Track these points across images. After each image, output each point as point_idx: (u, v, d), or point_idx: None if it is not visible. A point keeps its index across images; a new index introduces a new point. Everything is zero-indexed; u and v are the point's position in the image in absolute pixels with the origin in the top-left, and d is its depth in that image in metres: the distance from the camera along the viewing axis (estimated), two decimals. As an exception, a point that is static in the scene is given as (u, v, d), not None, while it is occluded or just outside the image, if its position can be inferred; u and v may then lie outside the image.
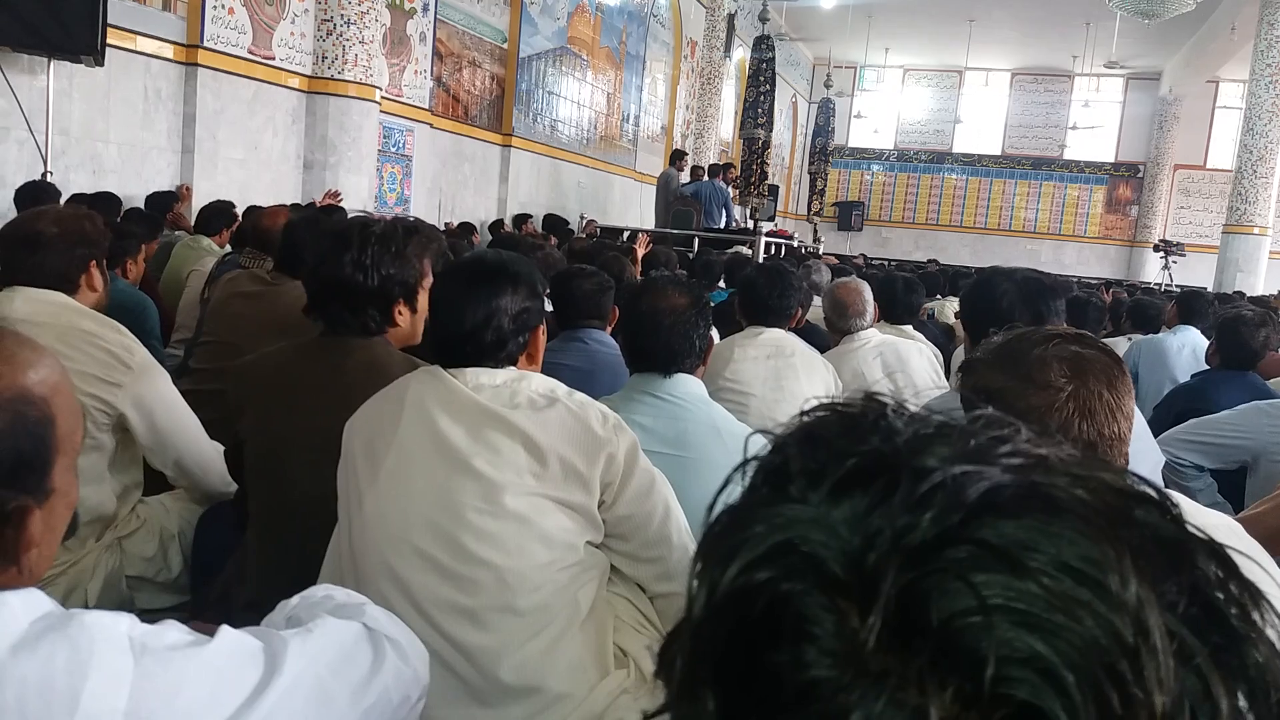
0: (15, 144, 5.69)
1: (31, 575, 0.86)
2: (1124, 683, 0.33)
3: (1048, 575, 0.34)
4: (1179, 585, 0.36)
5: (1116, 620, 0.33)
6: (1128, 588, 0.34)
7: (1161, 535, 0.37)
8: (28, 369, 0.87)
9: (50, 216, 2.26)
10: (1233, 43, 15.93)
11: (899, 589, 0.34)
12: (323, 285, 1.97)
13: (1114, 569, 0.34)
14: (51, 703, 0.77)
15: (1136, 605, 0.34)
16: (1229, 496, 2.86)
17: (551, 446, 1.56)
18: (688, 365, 2.14)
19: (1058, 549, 0.34)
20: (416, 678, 1.06)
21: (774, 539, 0.37)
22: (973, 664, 0.33)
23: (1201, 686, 0.34)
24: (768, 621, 0.36)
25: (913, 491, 0.36)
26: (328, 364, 1.96)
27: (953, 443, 0.39)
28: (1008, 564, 0.34)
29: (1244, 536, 1.22)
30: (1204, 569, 0.37)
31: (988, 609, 0.33)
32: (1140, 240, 21.79)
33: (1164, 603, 0.35)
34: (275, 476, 1.95)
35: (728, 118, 17.45)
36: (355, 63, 7.76)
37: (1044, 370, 1.22)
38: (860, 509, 0.37)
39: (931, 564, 0.34)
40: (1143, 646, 0.33)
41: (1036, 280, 2.30)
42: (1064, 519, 0.35)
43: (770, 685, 0.35)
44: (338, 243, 1.97)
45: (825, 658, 0.34)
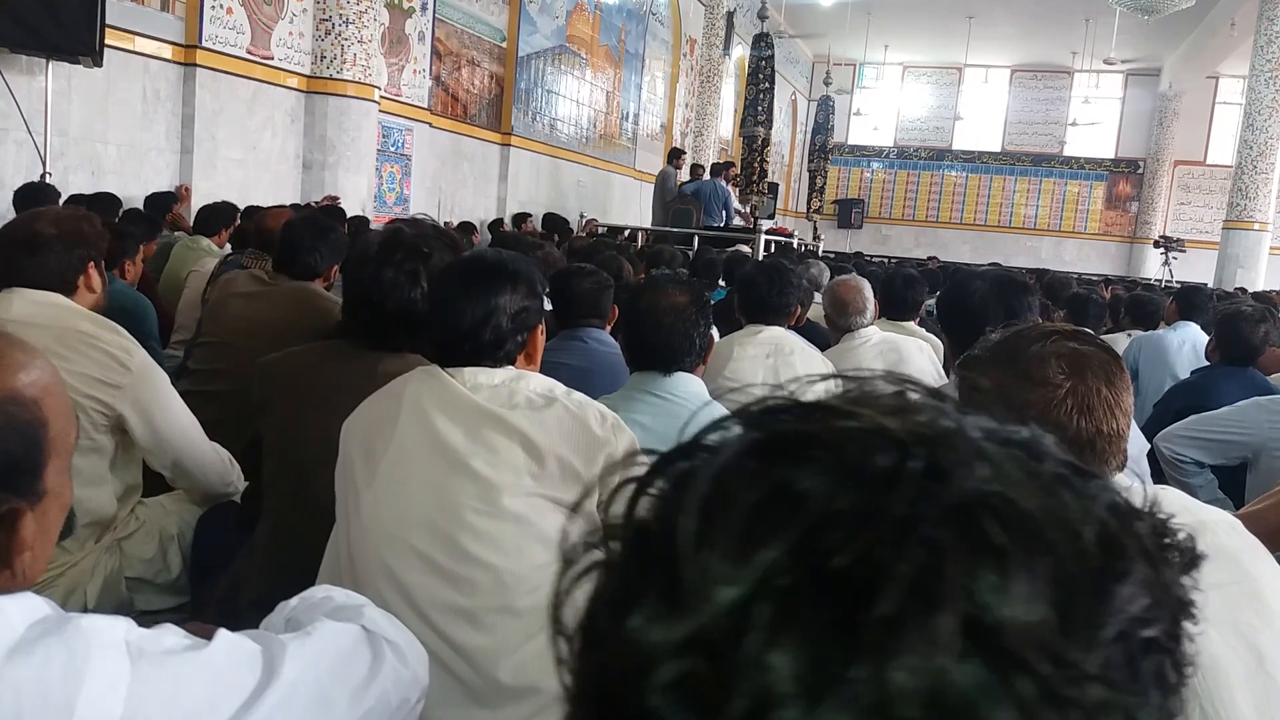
0: (14, 145, 5.69)
1: (25, 578, 0.86)
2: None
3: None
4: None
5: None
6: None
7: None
8: (18, 370, 0.87)
9: (49, 218, 2.25)
10: (1232, 38, 15.92)
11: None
12: (389, 315, 1.95)
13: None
14: (48, 708, 0.77)
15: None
16: (1229, 493, 2.86)
17: (550, 446, 1.55)
18: (688, 364, 2.14)
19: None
20: (415, 679, 1.06)
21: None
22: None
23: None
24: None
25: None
26: (359, 368, 1.95)
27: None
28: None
29: (1244, 533, 1.22)
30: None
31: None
32: (1140, 237, 21.78)
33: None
34: (296, 475, 1.95)
35: (727, 116, 17.44)
36: (354, 62, 7.75)
37: (1042, 367, 1.22)
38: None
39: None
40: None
41: (1008, 278, 2.36)
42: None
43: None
44: (406, 273, 1.94)
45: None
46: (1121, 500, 0.37)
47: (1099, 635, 0.33)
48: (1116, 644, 0.33)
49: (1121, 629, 0.33)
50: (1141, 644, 0.34)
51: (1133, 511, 0.37)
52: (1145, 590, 0.35)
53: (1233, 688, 1.05)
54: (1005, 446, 0.36)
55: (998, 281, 2.30)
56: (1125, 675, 0.33)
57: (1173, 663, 0.36)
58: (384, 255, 1.97)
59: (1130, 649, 0.34)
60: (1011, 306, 2.21)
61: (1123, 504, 0.37)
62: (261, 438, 2.09)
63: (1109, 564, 0.34)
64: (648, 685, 0.32)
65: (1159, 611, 0.35)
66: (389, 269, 1.94)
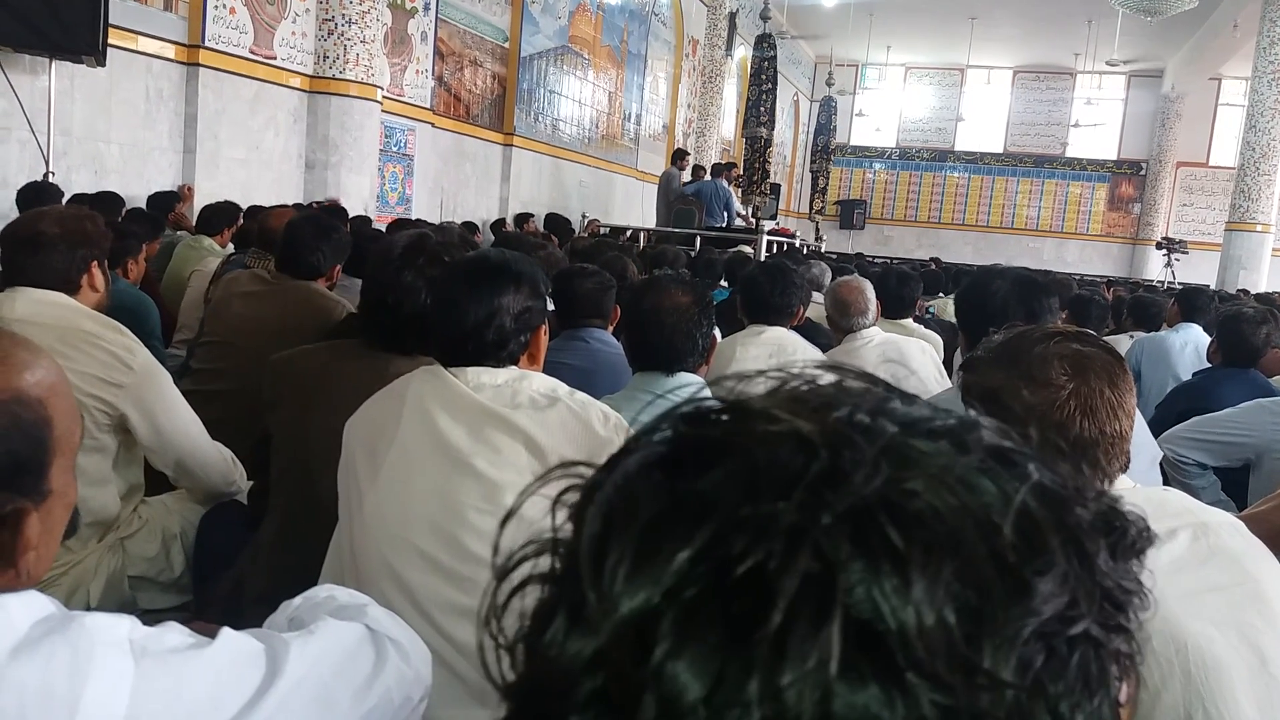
0: (17, 144, 5.69)
1: (30, 577, 0.86)
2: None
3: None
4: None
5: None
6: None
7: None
8: (23, 370, 0.87)
9: (52, 217, 2.26)
10: (1235, 40, 15.91)
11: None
12: (405, 318, 1.95)
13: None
14: (51, 706, 0.77)
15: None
16: (1232, 495, 2.86)
17: (553, 446, 1.55)
18: (690, 364, 2.14)
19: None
20: (419, 679, 1.06)
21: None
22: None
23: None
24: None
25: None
26: (371, 369, 1.95)
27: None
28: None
29: (1247, 535, 1.22)
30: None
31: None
32: (1143, 238, 21.76)
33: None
34: (303, 473, 1.96)
35: (729, 116, 17.44)
36: (357, 62, 7.76)
37: (1045, 368, 1.22)
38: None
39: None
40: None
41: (1030, 278, 2.32)
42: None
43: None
44: (426, 279, 1.94)
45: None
46: (1054, 485, 0.35)
47: (1015, 637, 0.31)
48: (1035, 643, 0.32)
49: (1040, 628, 0.32)
50: (1066, 641, 0.33)
51: (1068, 496, 0.35)
52: (1068, 585, 0.33)
53: (1235, 689, 1.05)
54: (928, 439, 0.35)
55: (1019, 282, 2.25)
56: (1047, 674, 0.32)
57: (1110, 655, 0.34)
58: (406, 259, 1.97)
59: (1052, 646, 0.32)
60: (1032, 308, 2.18)
61: (1055, 489, 0.35)
62: (270, 435, 2.09)
63: (1028, 559, 0.32)
64: (567, 705, 0.32)
65: (1086, 606, 0.33)
66: (409, 272, 1.95)
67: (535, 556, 0.37)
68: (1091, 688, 0.33)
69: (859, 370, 0.39)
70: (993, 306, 2.19)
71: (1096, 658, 0.34)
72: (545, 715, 0.33)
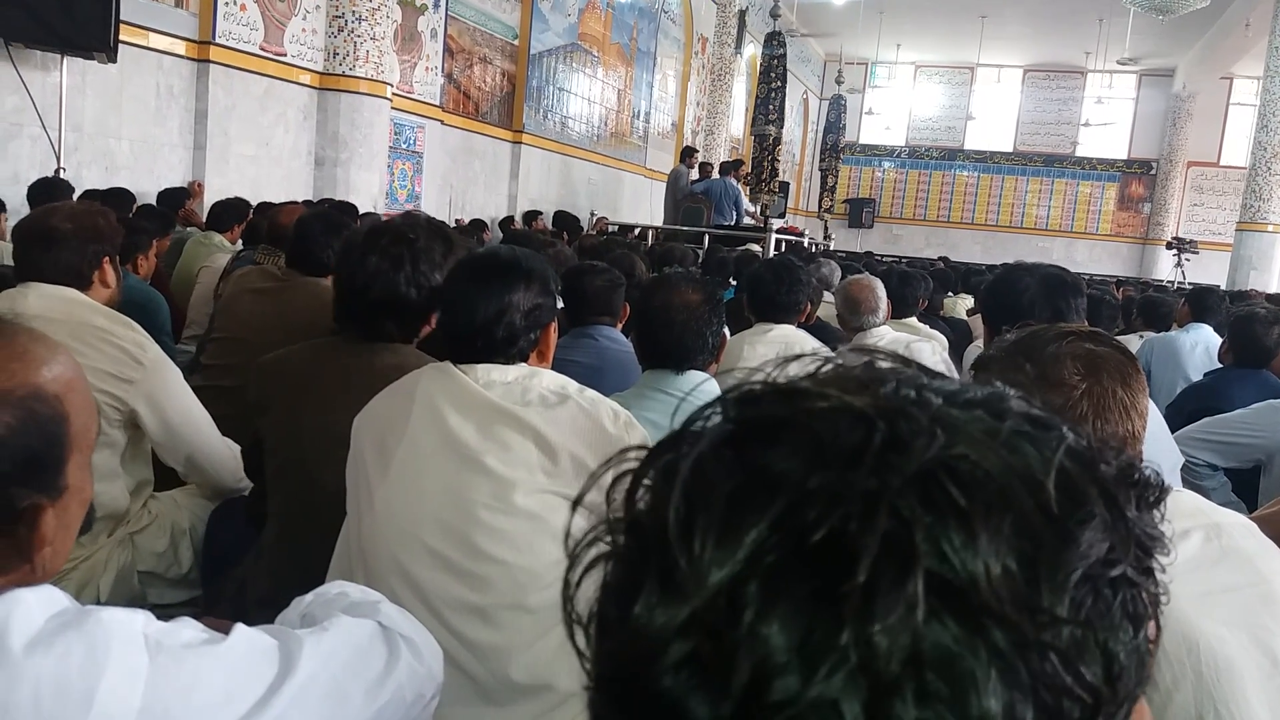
0: (29, 140, 5.72)
1: (45, 573, 0.86)
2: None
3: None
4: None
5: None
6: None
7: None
8: (40, 366, 0.87)
9: (64, 213, 2.26)
10: (1247, 39, 15.84)
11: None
12: (374, 302, 1.96)
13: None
14: (67, 700, 0.77)
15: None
16: (1243, 495, 2.85)
17: (563, 444, 1.55)
18: (700, 362, 2.14)
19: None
20: (431, 675, 1.06)
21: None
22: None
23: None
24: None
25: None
26: (356, 363, 1.96)
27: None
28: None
29: (1260, 536, 1.21)
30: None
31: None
32: (1153, 238, 21.68)
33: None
34: (299, 474, 1.95)
35: (738, 114, 17.42)
36: (366, 59, 7.77)
37: (1058, 368, 1.21)
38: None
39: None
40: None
41: (1058, 277, 2.30)
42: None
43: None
44: (390, 258, 1.96)
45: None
46: (1082, 446, 0.39)
47: (1066, 580, 0.35)
48: (1084, 585, 0.36)
49: (1087, 571, 0.36)
50: (1109, 582, 0.36)
51: (1095, 455, 0.39)
52: (1107, 533, 0.37)
53: (1247, 691, 1.05)
54: (966, 409, 0.38)
55: (1047, 280, 2.24)
56: (1095, 613, 0.36)
57: (1143, 595, 0.38)
58: (369, 243, 1.98)
59: (1098, 588, 0.36)
60: (1058, 307, 2.17)
61: (1083, 450, 0.39)
62: (262, 439, 2.09)
63: (1071, 512, 0.36)
64: (658, 668, 0.35)
65: (1122, 551, 0.37)
66: (373, 256, 1.95)
67: (608, 535, 0.40)
68: (1135, 624, 0.37)
69: (884, 350, 0.43)
70: (1020, 303, 2.18)
71: (1134, 598, 0.38)
72: (636, 679, 0.36)
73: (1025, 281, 2.23)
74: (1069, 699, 0.34)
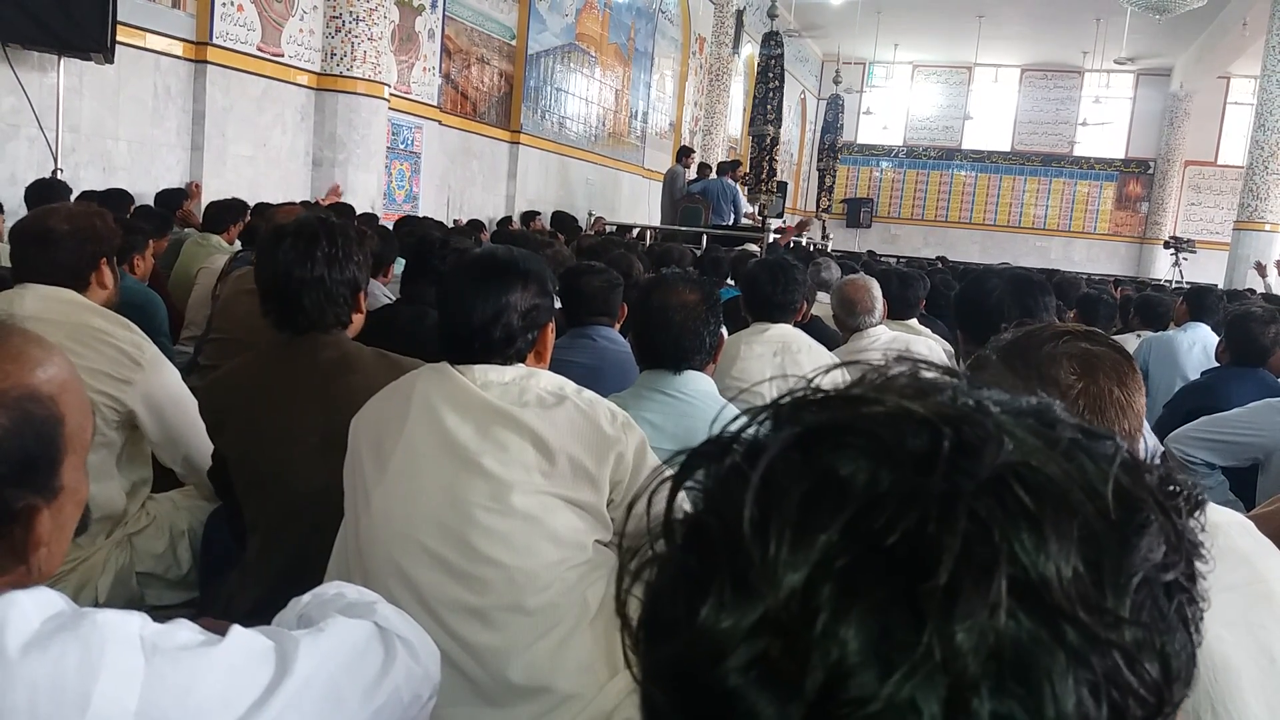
0: (26, 141, 5.71)
1: (41, 574, 0.86)
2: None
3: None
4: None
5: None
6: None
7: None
8: (35, 367, 0.87)
9: (61, 214, 2.26)
10: (1244, 38, 15.84)
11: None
12: (297, 282, 1.95)
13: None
14: (62, 703, 0.77)
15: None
16: (1241, 494, 2.85)
17: (560, 445, 1.55)
18: (698, 362, 2.14)
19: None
20: (427, 676, 1.06)
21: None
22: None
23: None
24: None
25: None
26: (300, 364, 1.96)
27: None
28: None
29: (1257, 535, 1.21)
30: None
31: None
32: (1150, 237, 21.68)
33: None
34: (268, 483, 1.95)
35: (736, 114, 17.41)
36: (364, 59, 7.76)
37: (1054, 367, 1.21)
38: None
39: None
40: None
41: (1025, 277, 2.36)
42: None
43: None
44: (306, 239, 1.97)
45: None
46: (1129, 457, 0.40)
47: (1128, 583, 0.37)
48: (1143, 589, 0.37)
49: (1145, 575, 0.37)
50: (1164, 587, 0.38)
51: (1141, 466, 0.41)
52: (1162, 538, 0.38)
53: (1244, 690, 1.05)
54: (1019, 418, 0.40)
55: (1014, 280, 2.29)
56: (1153, 615, 0.37)
57: (1190, 598, 0.40)
58: (277, 236, 1.99)
59: (1154, 592, 0.38)
60: (1027, 306, 2.20)
61: (1131, 460, 0.40)
62: (224, 459, 2.08)
63: (1129, 518, 0.38)
64: (725, 668, 0.35)
65: (1176, 556, 0.39)
66: (286, 241, 1.97)
67: (653, 542, 0.41)
68: (1186, 626, 0.39)
69: (934, 363, 0.44)
70: (989, 305, 2.21)
71: (1187, 601, 0.39)
72: (700, 679, 0.36)
73: (993, 283, 2.28)
74: (1134, 698, 0.35)
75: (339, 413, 1.75)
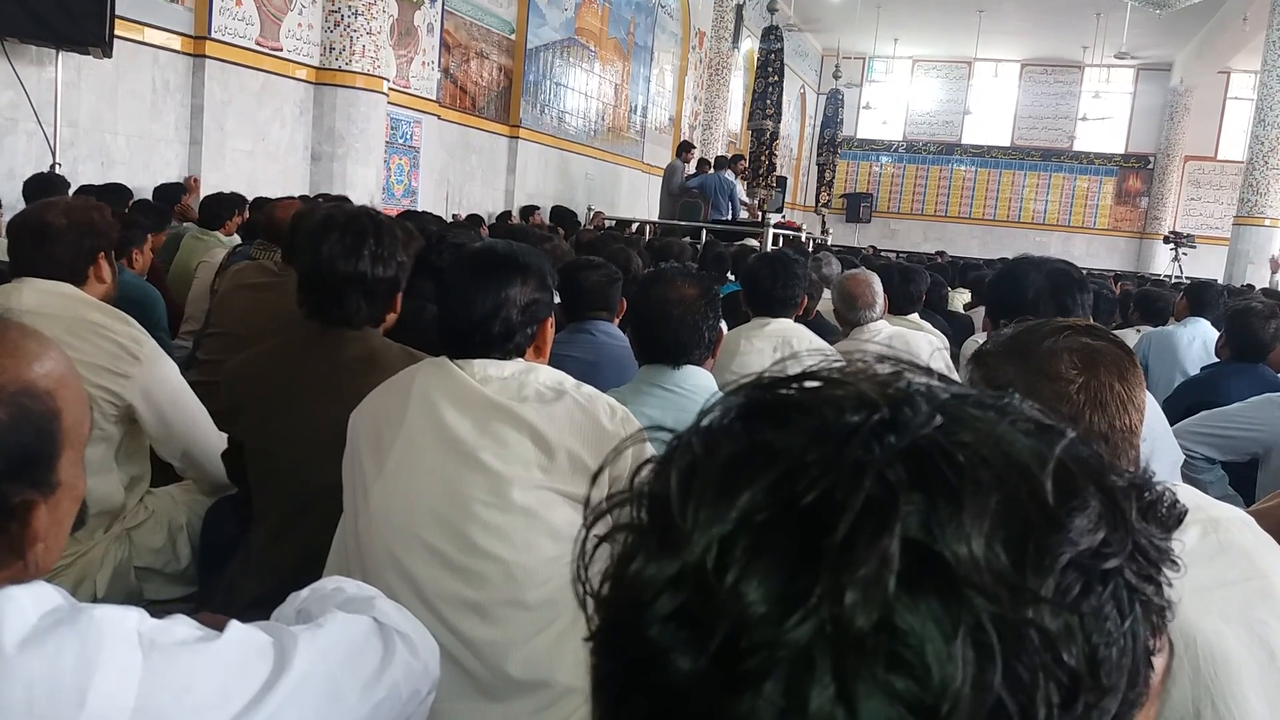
0: (24, 135, 5.70)
1: (39, 569, 0.86)
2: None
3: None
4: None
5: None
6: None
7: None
8: (32, 361, 0.86)
9: (59, 208, 2.26)
10: (1244, 33, 15.83)
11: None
12: (340, 278, 1.95)
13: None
14: (59, 699, 0.76)
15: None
16: (1240, 489, 2.85)
17: (559, 440, 1.55)
18: (696, 357, 2.13)
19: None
20: (426, 672, 1.06)
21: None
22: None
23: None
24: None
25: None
26: (325, 357, 1.96)
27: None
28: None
29: (1258, 530, 1.21)
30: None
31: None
32: (1150, 232, 21.69)
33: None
34: (281, 473, 1.95)
35: (736, 109, 17.39)
36: (363, 54, 7.75)
37: (1054, 362, 1.21)
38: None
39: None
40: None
41: (1065, 272, 2.27)
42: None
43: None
44: (354, 235, 1.96)
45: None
46: (1087, 453, 0.40)
47: (1053, 564, 0.35)
48: (1071, 571, 0.36)
49: (1075, 558, 0.36)
50: (1100, 575, 0.37)
51: (1102, 464, 0.40)
52: (1100, 524, 0.37)
53: (1244, 685, 1.05)
54: (977, 407, 0.40)
55: (1054, 276, 2.21)
56: (1080, 600, 0.36)
57: (1139, 597, 0.38)
58: (326, 226, 1.98)
59: (1087, 577, 0.36)
60: (1064, 303, 2.15)
61: (1088, 456, 0.39)
62: (240, 443, 2.08)
63: (1063, 501, 0.37)
64: (646, 618, 0.37)
65: (1118, 546, 0.37)
66: (334, 233, 1.96)
67: (620, 507, 0.41)
68: (1121, 613, 0.37)
69: (917, 362, 0.44)
70: (1025, 299, 2.16)
71: (1129, 597, 0.38)
72: (628, 625, 0.38)
73: (1032, 277, 2.20)
74: (1046, 676, 0.34)
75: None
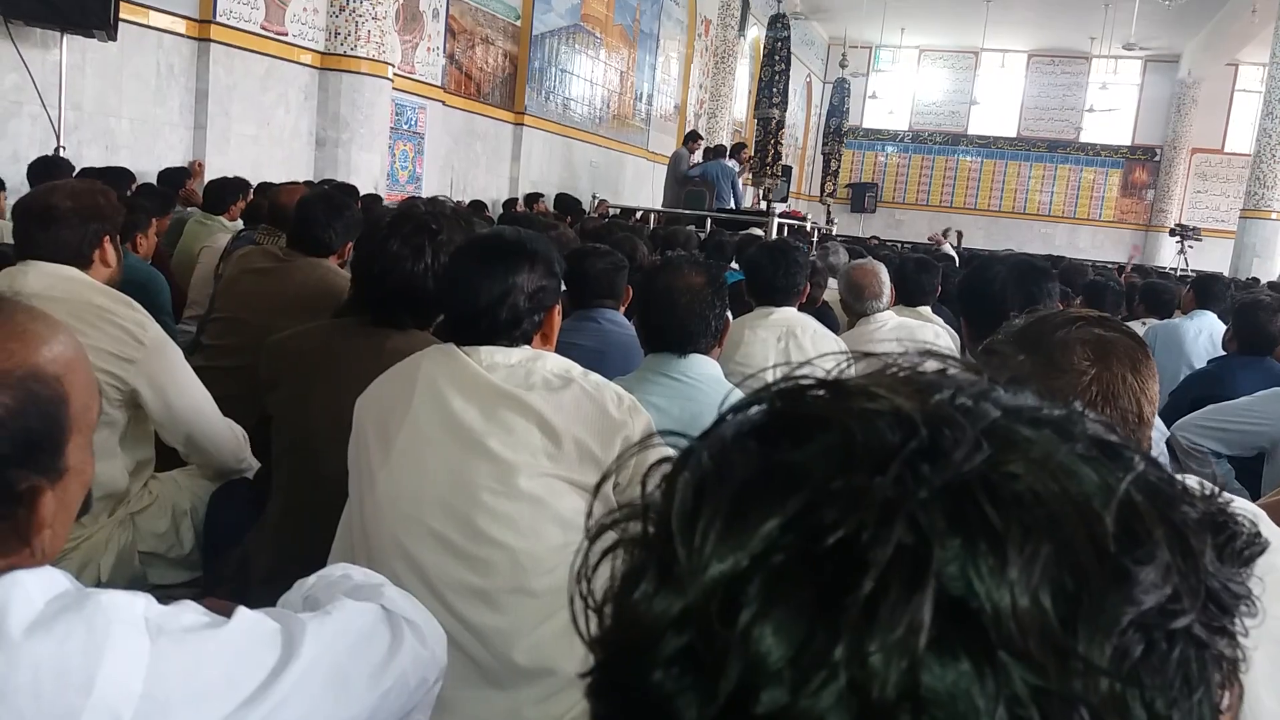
0: (28, 118, 5.69)
1: (45, 555, 0.85)
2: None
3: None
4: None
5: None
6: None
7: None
8: (40, 345, 0.85)
9: (64, 191, 2.25)
10: (1253, 25, 15.74)
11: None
12: (391, 290, 1.97)
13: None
14: (67, 684, 0.76)
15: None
16: (1246, 483, 2.84)
17: (566, 428, 1.54)
18: (703, 345, 2.13)
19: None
20: (434, 659, 1.06)
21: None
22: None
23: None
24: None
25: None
26: (367, 346, 1.96)
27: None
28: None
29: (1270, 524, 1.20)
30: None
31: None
32: (1156, 224, 21.63)
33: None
34: (306, 453, 1.96)
35: (741, 97, 17.35)
36: (368, 39, 7.73)
37: (1067, 353, 1.20)
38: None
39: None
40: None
41: (1028, 263, 2.34)
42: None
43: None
44: (411, 247, 1.96)
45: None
46: (1160, 481, 0.35)
47: (1112, 625, 0.31)
48: (1133, 634, 0.31)
49: (1139, 619, 0.31)
50: (1167, 635, 0.32)
51: (1175, 494, 0.35)
52: (1170, 578, 0.32)
53: (1255, 681, 1.04)
54: (1032, 426, 0.35)
55: (1018, 267, 2.28)
56: (1146, 667, 0.31)
57: (1210, 656, 0.33)
58: (392, 229, 1.98)
59: (1151, 639, 0.32)
60: (1031, 293, 2.19)
61: (1160, 485, 0.35)
62: (270, 416, 2.09)
63: (1128, 549, 0.32)
64: (649, 661, 0.33)
65: (1189, 602, 0.33)
66: (394, 242, 1.96)
67: (626, 521, 0.37)
68: (1191, 685, 0.33)
69: (966, 360, 0.40)
70: (992, 292, 2.20)
71: (1198, 657, 0.33)
72: (630, 669, 0.34)
73: (995, 269, 2.28)
74: None
75: None
